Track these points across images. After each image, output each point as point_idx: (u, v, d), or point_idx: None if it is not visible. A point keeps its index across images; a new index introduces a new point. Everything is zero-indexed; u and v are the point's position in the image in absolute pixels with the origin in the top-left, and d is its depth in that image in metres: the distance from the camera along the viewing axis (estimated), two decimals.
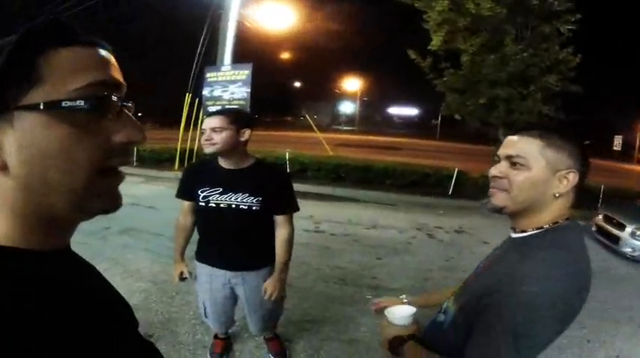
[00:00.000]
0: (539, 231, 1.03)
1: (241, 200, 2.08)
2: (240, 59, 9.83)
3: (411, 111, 55.57)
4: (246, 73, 9.15)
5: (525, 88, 10.17)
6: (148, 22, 25.08)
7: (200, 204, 2.14)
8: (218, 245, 2.21)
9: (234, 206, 2.08)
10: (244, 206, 2.08)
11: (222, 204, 2.09)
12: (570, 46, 9.98)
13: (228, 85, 9.28)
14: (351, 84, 49.43)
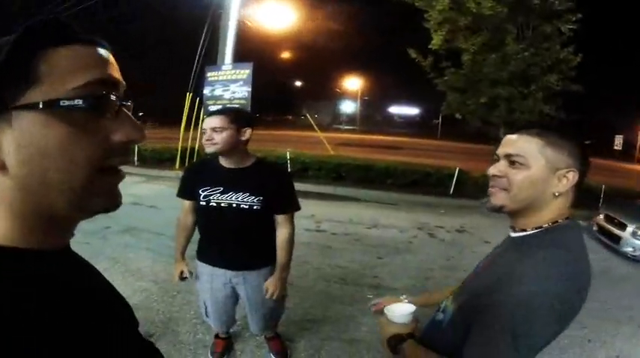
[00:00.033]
0: (538, 230, 1.02)
1: (242, 199, 2.08)
2: (241, 58, 9.82)
3: (412, 111, 55.41)
4: (247, 72, 9.14)
5: (526, 87, 10.18)
6: (147, 22, 25.04)
7: (201, 204, 2.14)
8: (219, 244, 2.21)
9: (234, 205, 2.08)
10: (245, 205, 2.08)
11: (222, 204, 2.09)
12: (571, 46, 10.00)
13: (228, 84, 9.27)
14: (352, 83, 49.32)
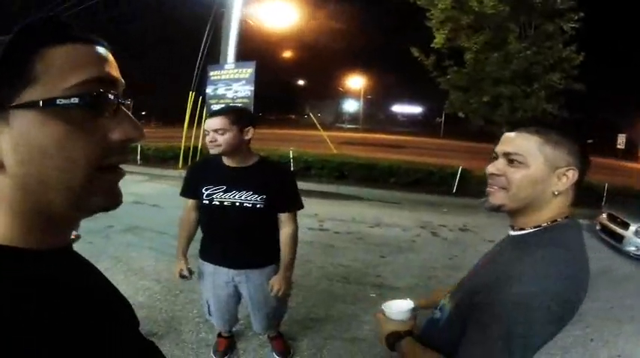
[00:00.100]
0: (537, 229, 1.01)
1: (245, 198, 2.08)
2: (244, 57, 9.83)
3: (415, 109, 55.25)
4: (250, 71, 9.14)
5: (529, 85, 10.16)
6: (148, 21, 25.07)
7: (204, 202, 2.14)
8: (222, 243, 2.21)
9: (237, 204, 2.08)
10: (248, 204, 2.08)
11: (225, 202, 2.09)
12: (573, 44, 9.95)
13: (231, 84, 9.28)
14: (355, 82, 49.20)
